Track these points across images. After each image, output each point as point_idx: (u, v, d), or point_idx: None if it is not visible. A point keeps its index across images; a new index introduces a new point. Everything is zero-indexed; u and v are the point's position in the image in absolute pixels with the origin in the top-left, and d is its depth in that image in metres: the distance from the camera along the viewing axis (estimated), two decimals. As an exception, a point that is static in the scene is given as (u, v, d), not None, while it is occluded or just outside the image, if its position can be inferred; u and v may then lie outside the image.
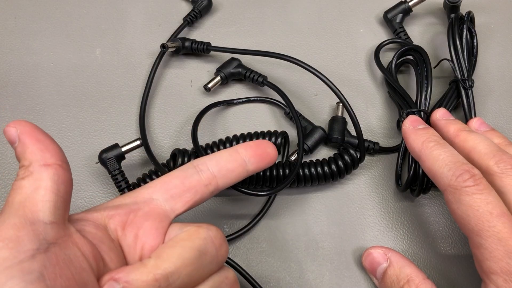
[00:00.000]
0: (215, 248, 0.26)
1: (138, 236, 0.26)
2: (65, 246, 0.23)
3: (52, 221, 0.23)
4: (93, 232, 0.25)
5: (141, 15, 0.47)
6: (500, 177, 0.29)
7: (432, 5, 0.46)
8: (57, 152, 0.25)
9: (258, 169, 0.31)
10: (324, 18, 0.47)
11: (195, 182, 0.29)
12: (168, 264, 0.24)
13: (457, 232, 0.36)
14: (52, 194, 0.23)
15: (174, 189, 0.28)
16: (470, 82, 0.39)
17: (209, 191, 0.29)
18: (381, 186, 0.38)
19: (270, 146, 0.32)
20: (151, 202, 0.28)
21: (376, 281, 0.33)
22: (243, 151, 0.30)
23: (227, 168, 0.30)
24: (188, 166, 0.29)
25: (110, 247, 0.25)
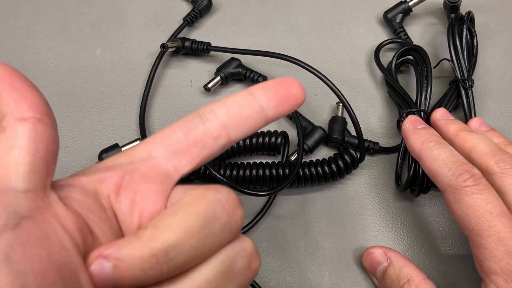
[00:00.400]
0: (226, 214, 0.21)
1: (135, 202, 0.22)
2: (41, 220, 0.18)
3: (26, 188, 0.19)
4: (80, 200, 0.21)
5: (141, 15, 0.47)
6: (500, 176, 0.29)
7: (432, 5, 0.46)
8: (37, 102, 0.21)
9: (280, 114, 0.25)
10: (324, 18, 0.47)
11: (202, 134, 0.23)
12: (168, 235, 0.19)
13: (457, 232, 0.36)
14: (28, 155, 0.19)
15: (177, 143, 0.23)
16: (470, 82, 0.39)
17: (220, 145, 0.24)
18: (381, 186, 0.38)
19: (294, 84, 0.25)
20: (150, 161, 0.23)
21: (376, 280, 0.33)
22: (260, 93, 0.24)
23: (241, 115, 0.24)
24: (193, 116, 0.24)
25: (102, 217, 0.21)
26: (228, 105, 0.24)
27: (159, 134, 0.24)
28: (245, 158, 0.39)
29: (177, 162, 0.23)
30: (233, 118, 0.24)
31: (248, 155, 0.39)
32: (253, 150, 0.38)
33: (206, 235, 0.20)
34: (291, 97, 0.25)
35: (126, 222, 0.22)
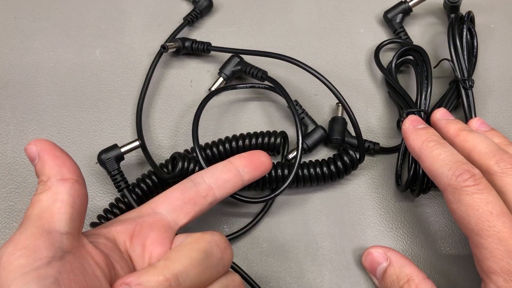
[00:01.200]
0: (220, 251, 0.27)
1: (145, 246, 0.28)
2: (79, 255, 0.24)
3: (67, 231, 0.24)
4: (104, 243, 0.27)
5: (141, 15, 0.47)
6: (501, 176, 0.29)
7: (432, 5, 0.46)
8: (74, 168, 0.27)
9: (253, 178, 0.33)
10: (324, 18, 0.47)
11: (194, 194, 0.30)
12: (177, 264, 0.25)
13: (457, 232, 0.36)
14: (68, 206, 0.25)
15: (175, 201, 0.30)
16: (470, 82, 0.39)
17: (208, 202, 0.31)
18: (381, 186, 0.38)
19: (263, 155, 0.33)
20: (155, 215, 0.30)
21: (376, 280, 0.33)
22: (237, 161, 0.32)
23: (223, 179, 0.31)
24: (186, 181, 0.31)
25: (120, 257, 0.27)
26: (213, 171, 0.32)
27: (161, 195, 0.31)
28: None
29: (176, 216, 0.30)
30: (217, 181, 0.31)
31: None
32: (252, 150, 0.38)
33: (206, 266, 0.26)
34: (261, 164, 0.33)
35: (139, 262, 0.28)
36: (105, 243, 0.27)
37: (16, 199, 0.37)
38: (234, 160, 0.32)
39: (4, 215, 0.37)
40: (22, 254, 0.22)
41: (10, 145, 0.39)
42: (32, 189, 0.38)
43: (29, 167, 0.38)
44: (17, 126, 0.40)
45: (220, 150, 0.37)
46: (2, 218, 0.36)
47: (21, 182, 0.38)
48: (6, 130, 0.40)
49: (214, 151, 0.37)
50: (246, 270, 0.34)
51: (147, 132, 0.40)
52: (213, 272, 0.27)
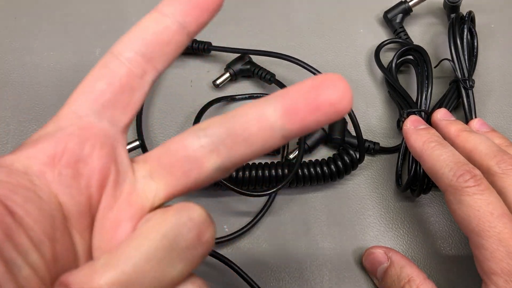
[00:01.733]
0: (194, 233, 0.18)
1: (79, 172, 0.19)
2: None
3: None
4: (2, 181, 0.18)
5: (141, 15, 0.47)
6: (501, 177, 0.29)
7: (432, 5, 0.46)
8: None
9: (203, 25, 0.21)
10: (324, 18, 0.47)
11: (125, 79, 0.20)
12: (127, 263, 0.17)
13: (457, 232, 0.36)
14: None
15: (103, 95, 0.20)
16: (471, 82, 0.39)
17: (148, 82, 0.21)
18: (381, 186, 0.38)
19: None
20: (81, 121, 0.20)
21: (376, 281, 0.33)
22: (170, 9, 0.21)
23: (161, 42, 0.21)
24: (109, 58, 0.21)
25: (27, 198, 0.18)
26: (142, 34, 0.21)
27: (79, 90, 0.21)
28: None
29: (110, 116, 0.20)
30: (151, 47, 0.21)
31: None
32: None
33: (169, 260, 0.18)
34: (209, 3, 0.21)
35: (73, 202, 0.19)
36: (3, 179, 0.18)
37: (16, 199, 0.37)
38: (165, 7, 0.21)
39: (4, 215, 0.37)
40: None
41: (10, 145, 0.39)
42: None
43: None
44: (17, 126, 0.40)
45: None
46: (2, 218, 0.36)
47: (21, 182, 0.38)
48: (6, 130, 0.40)
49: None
50: (245, 270, 0.34)
51: (147, 132, 0.40)
52: (182, 266, 0.18)
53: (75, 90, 0.21)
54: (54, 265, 0.18)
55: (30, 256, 0.17)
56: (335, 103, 0.18)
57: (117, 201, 0.20)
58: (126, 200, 0.20)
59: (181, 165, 0.20)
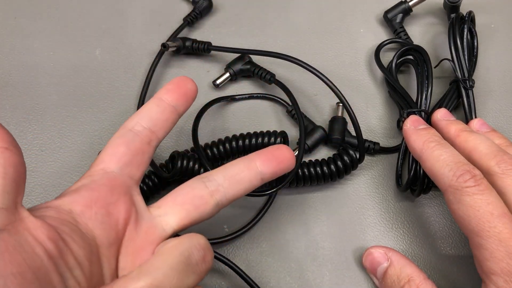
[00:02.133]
0: (201, 254, 0.26)
1: (109, 212, 0.26)
2: (15, 232, 0.22)
3: (0, 206, 0.22)
4: (53, 216, 0.24)
5: (141, 15, 0.47)
6: (501, 177, 0.29)
7: (432, 5, 0.46)
8: (2, 135, 0.24)
9: (186, 107, 0.31)
10: (324, 18, 0.47)
11: (139, 144, 0.28)
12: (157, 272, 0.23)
13: (457, 232, 0.36)
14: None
15: (124, 157, 0.28)
16: (471, 82, 0.39)
17: (153, 147, 0.29)
18: (381, 186, 0.38)
19: (188, 81, 0.31)
20: (109, 175, 0.27)
21: (376, 281, 0.33)
22: (166, 97, 0.30)
23: (161, 119, 0.29)
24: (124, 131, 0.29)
25: (73, 229, 0.24)
26: (148, 113, 0.29)
27: (105, 153, 0.28)
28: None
29: (129, 171, 0.28)
30: (156, 123, 0.29)
31: (248, 155, 0.39)
32: (252, 150, 0.38)
33: (187, 271, 0.24)
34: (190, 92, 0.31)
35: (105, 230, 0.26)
36: (54, 215, 0.24)
37: (16, 199, 0.37)
38: (162, 95, 0.30)
39: (4, 215, 0.37)
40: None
41: (10, 145, 0.39)
42: (33, 190, 0.38)
43: (29, 167, 0.38)
44: (17, 126, 0.40)
45: (220, 150, 0.37)
46: (2, 218, 0.36)
47: (21, 182, 0.38)
48: (6, 130, 0.40)
49: (214, 151, 0.37)
50: (245, 270, 0.34)
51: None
52: (193, 278, 0.25)
53: (102, 152, 0.28)
54: (90, 281, 0.24)
55: (75, 271, 0.23)
56: (290, 159, 0.31)
57: (138, 234, 0.27)
58: (145, 232, 0.27)
59: (191, 201, 0.28)
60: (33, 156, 0.39)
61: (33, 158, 0.39)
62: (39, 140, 0.40)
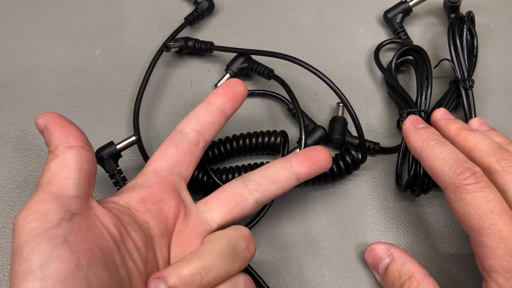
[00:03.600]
0: (245, 243, 0.29)
1: (161, 207, 0.30)
2: (86, 217, 0.26)
3: (75, 195, 0.26)
4: (115, 207, 0.28)
5: (141, 15, 0.47)
6: (502, 175, 0.29)
7: (432, 5, 0.46)
8: (80, 136, 0.28)
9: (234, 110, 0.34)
10: (324, 18, 0.47)
11: (187, 145, 0.32)
12: (207, 256, 0.27)
13: (457, 231, 0.36)
14: (75, 171, 0.26)
15: (173, 157, 0.32)
16: (470, 82, 0.39)
17: (201, 148, 0.33)
18: (381, 186, 0.38)
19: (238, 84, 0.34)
20: (159, 175, 0.31)
21: (378, 276, 0.33)
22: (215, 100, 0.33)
23: (208, 122, 0.33)
24: (175, 134, 0.32)
25: (131, 219, 0.28)
26: (196, 116, 0.32)
27: (157, 155, 0.32)
28: (245, 158, 0.39)
29: (178, 171, 0.32)
30: (204, 125, 0.32)
31: (248, 155, 0.39)
32: (252, 150, 0.38)
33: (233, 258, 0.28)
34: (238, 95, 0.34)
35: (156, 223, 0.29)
36: (116, 207, 0.28)
37: (16, 199, 0.37)
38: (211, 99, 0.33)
39: (4, 215, 0.37)
40: (33, 218, 0.24)
41: (10, 145, 0.39)
42: (32, 189, 0.38)
43: (29, 167, 0.38)
44: (17, 126, 0.40)
45: (220, 150, 0.37)
46: (2, 218, 0.36)
47: (21, 182, 0.38)
48: (6, 130, 0.40)
49: (215, 151, 0.37)
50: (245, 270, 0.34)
51: (147, 131, 0.40)
52: (239, 263, 0.29)
53: (154, 154, 0.32)
54: (146, 265, 0.28)
55: (134, 255, 0.27)
56: (326, 159, 0.33)
57: (187, 227, 0.31)
58: (193, 225, 0.31)
59: (233, 199, 0.32)
60: (33, 156, 0.39)
61: (33, 158, 0.39)
62: (39, 140, 0.40)
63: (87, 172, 0.27)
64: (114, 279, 0.25)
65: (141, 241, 0.28)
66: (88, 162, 0.27)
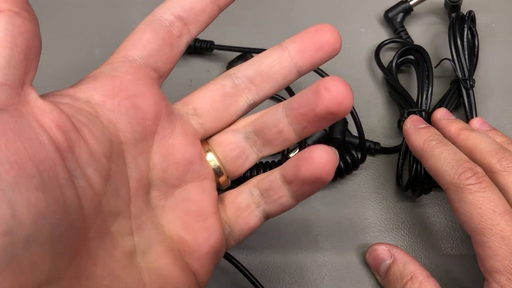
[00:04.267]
0: None
1: (136, 104, 0.23)
2: (17, 114, 0.18)
3: (2, 82, 0.18)
4: (68, 103, 0.21)
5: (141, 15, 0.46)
6: (503, 175, 0.28)
7: (433, 4, 0.46)
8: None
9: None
10: (325, 18, 0.47)
11: (167, 35, 0.24)
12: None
13: (459, 232, 0.36)
14: (5, 48, 0.19)
15: (150, 45, 0.24)
16: (471, 81, 0.38)
17: (184, 43, 0.25)
18: (382, 186, 0.38)
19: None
20: (131, 63, 0.23)
21: (379, 277, 0.33)
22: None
23: (196, 9, 0.25)
24: (150, 17, 0.25)
25: (90, 119, 0.21)
26: (180, 1, 0.25)
27: (127, 40, 0.24)
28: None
29: (154, 62, 0.24)
30: (187, 13, 0.24)
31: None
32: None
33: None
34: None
35: (131, 120, 0.22)
36: (69, 102, 0.21)
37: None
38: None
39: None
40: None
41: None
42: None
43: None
44: (16, 125, 0.40)
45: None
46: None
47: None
48: (5, 129, 0.40)
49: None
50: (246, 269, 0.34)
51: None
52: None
53: (124, 41, 0.24)
54: (107, 182, 0.21)
55: (87, 170, 0.20)
56: (334, 43, 0.25)
57: (174, 131, 0.24)
58: (181, 129, 0.24)
59: (221, 100, 0.25)
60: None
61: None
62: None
63: (23, 49, 0.19)
64: (53, 204, 0.18)
65: (102, 151, 0.21)
66: (26, 35, 0.19)
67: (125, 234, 0.22)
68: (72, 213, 0.19)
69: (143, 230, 0.23)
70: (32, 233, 0.16)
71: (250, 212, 0.26)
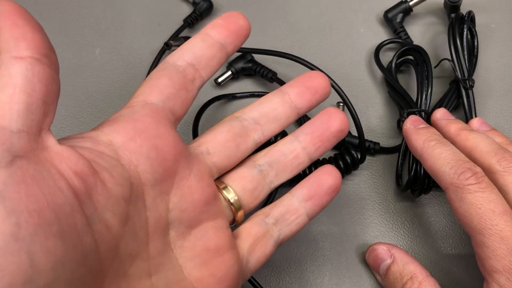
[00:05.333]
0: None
1: (156, 146, 0.23)
2: (35, 161, 0.18)
3: (20, 129, 0.18)
4: (88, 147, 0.21)
5: (141, 15, 0.47)
6: (502, 175, 0.28)
7: (433, 5, 0.46)
8: (38, 42, 0.19)
9: (238, 46, 0.28)
10: (324, 18, 0.47)
11: (182, 79, 0.25)
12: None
13: (458, 232, 0.36)
14: (24, 94, 0.18)
15: (167, 89, 0.25)
16: (471, 82, 0.39)
17: (197, 87, 0.26)
18: (381, 186, 0.38)
19: (240, 17, 0.27)
20: (151, 107, 0.24)
21: (379, 277, 0.33)
22: (214, 32, 0.27)
23: (206, 57, 0.26)
24: (165, 65, 0.26)
25: (111, 163, 0.21)
26: (191, 49, 0.26)
27: (145, 85, 0.25)
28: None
29: (171, 106, 0.25)
30: (199, 60, 0.26)
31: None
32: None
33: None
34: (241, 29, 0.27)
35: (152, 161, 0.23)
36: (90, 146, 0.21)
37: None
38: (209, 31, 0.27)
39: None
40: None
41: (9, 145, 0.39)
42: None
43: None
44: (16, 126, 0.40)
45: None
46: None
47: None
48: (5, 130, 0.40)
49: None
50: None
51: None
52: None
53: (141, 86, 0.25)
54: (125, 224, 0.21)
55: (106, 214, 0.20)
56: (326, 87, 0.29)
57: (192, 172, 0.24)
58: (198, 170, 0.25)
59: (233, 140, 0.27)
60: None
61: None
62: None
63: (42, 95, 0.19)
64: (72, 251, 0.18)
65: (121, 193, 0.21)
66: (45, 82, 0.19)
67: (142, 276, 0.22)
68: (89, 259, 0.19)
69: (160, 271, 0.23)
70: (50, 281, 0.17)
71: (266, 240, 0.28)
